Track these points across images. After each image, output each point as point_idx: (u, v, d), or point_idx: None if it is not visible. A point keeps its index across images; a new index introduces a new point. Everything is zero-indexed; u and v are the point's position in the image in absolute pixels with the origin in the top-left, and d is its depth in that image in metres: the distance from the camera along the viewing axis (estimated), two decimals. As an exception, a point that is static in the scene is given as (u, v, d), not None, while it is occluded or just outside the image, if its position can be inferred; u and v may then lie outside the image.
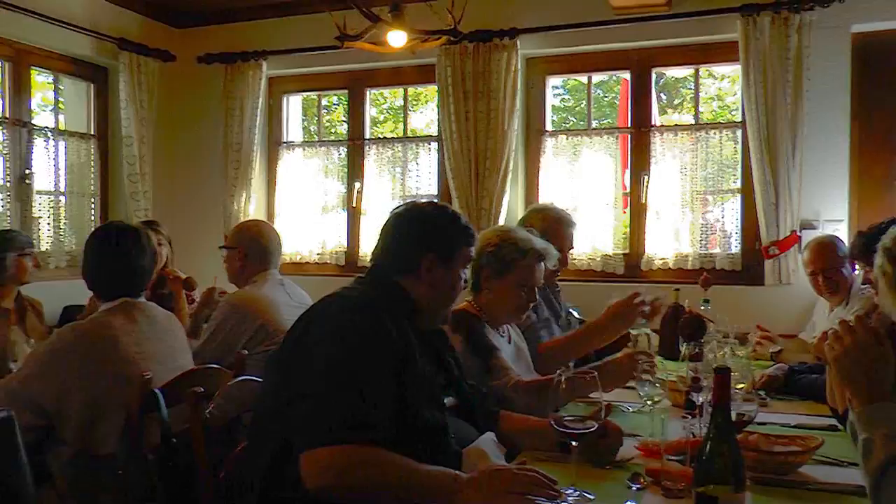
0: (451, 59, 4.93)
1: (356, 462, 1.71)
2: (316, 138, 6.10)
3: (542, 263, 2.78)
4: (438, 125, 5.11)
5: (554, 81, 5.57)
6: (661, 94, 9.26)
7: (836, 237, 3.93)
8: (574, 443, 1.82)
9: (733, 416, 2.11)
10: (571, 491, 1.76)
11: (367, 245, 5.22)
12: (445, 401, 2.08)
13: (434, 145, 5.35)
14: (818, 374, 2.85)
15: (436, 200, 3.33)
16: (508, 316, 2.79)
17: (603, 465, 2.01)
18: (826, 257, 3.74)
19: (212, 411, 2.26)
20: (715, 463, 1.39)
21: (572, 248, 3.71)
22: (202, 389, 2.17)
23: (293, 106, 5.88)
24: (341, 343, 1.82)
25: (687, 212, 4.76)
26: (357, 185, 5.47)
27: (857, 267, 3.72)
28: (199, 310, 3.65)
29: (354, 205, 5.47)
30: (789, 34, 4.31)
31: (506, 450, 2.13)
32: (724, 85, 8.92)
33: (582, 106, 5.45)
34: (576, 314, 3.90)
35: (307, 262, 5.54)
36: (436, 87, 5.07)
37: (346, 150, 5.58)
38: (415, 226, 2.07)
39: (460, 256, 2.09)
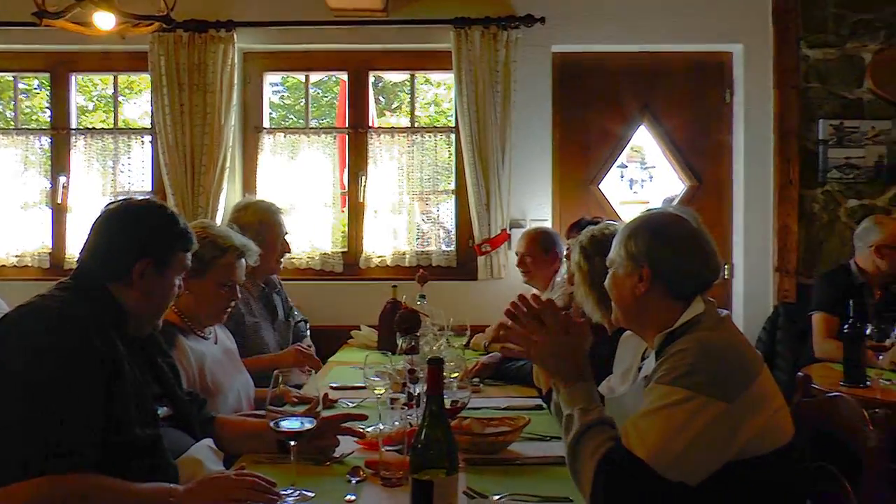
0: (164, 47, 4.67)
1: (62, 493, 1.57)
2: (13, 126, 5.46)
3: (243, 260, 2.72)
4: (152, 117, 4.82)
5: (272, 78, 5.48)
6: (380, 97, 9.49)
7: (549, 231, 4.32)
8: (293, 442, 1.81)
9: (448, 403, 2.23)
10: (290, 491, 1.74)
11: (75, 246, 4.79)
12: (159, 411, 1.96)
13: (148, 138, 5.02)
14: (526, 361, 3.10)
15: (152, 198, 3.09)
16: (209, 317, 2.66)
17: (323, 462, 2.02)
18: (524, 243, 4.16)
19: None
20: (430, 449, 1.45)
21: (288, 233, 3.68)
22: None
23: (-17, 88, 5.24)
24: (38, 362, 1.65)
25: (404, 211, 4.92)
26: (63, 179, 4.98)
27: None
28: None
29: (60, 201, 4.97)
30: (498, 48, 4.62)
31: (223, 455, 2.06)
32: (440, 91, 9.34)
33: (301, 104, 5.42)
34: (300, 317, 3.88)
35: (4, 266, 4.94)
36: (149, 77, 4.77)
37: (49, 140, 5.05)
38: (128, 227, 1.91)
39: (176, 262, 1.96)
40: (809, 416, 2.28)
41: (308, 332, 3.87)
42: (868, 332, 3.31)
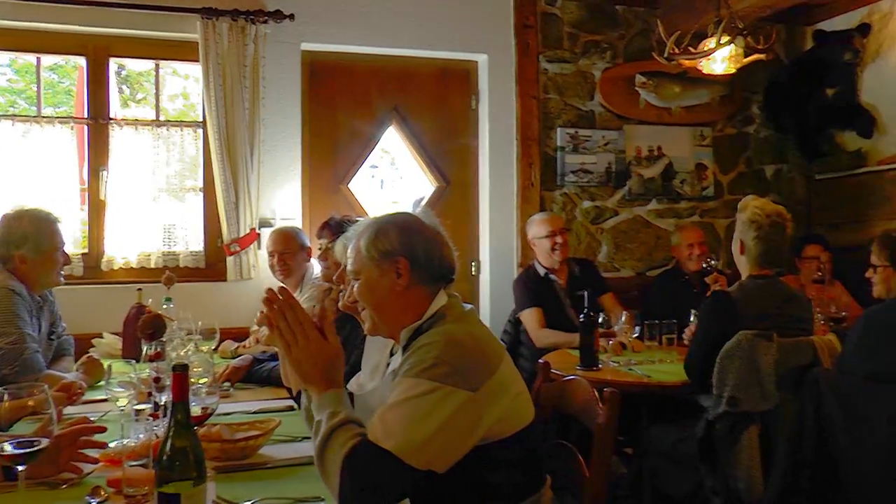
0: None
1: None
2: None
3: None
4: None
5: (-2, 59, 4.94)
6: (123, 86, 8.91)
7: (298, 229, 4.34)
8: (21, 467, 1.64)
9: (197, 410, 2.15)
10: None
11: None
12: None
13: None
14: (277, 361, 3.06)
15: None
16: None
17: (59, 485, 1.86)
18: (281, 241, 4.15)
19: None
20: (175, 460, 1.38)
21: (64, 243, 3.37)
22: None
23: None
24: None
25: (150, 210, 4.63)
26: None
27: (314, 259, 4.15)
28: None
29: None
30: (247, 43, 4.50)
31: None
32: (188, 83, 8.94)
33: (33, 90, 4.91)
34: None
35: None
36: None
37: None
38: None
39: None
40: (549, 399, 2.47)
41: (72, 349, 3.54)
42: (600, 321, 3.67)
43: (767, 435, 2.89)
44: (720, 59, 4.10)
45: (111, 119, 4.66)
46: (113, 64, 4.75)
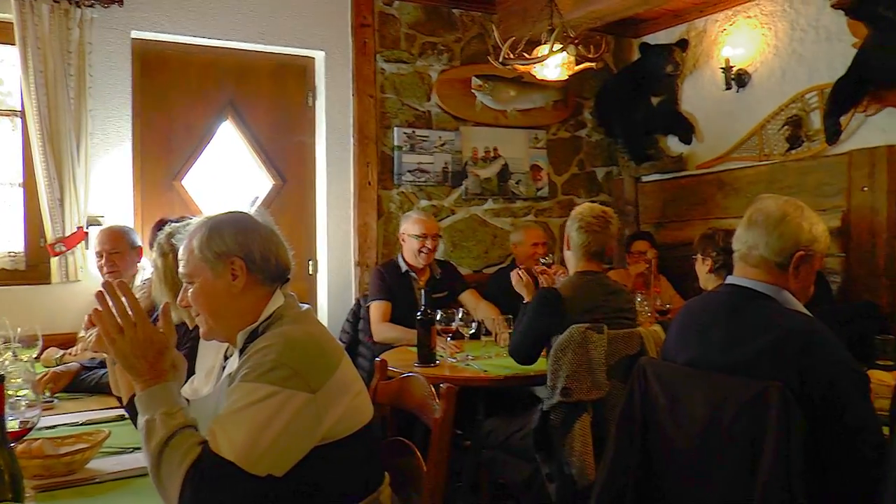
0: None
1: None
2: None
3: None
4: None
5: None
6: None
7: (129, 227, 4.15)
8: None
9: (15, 425, 2.01)
10: None
11: None
12: None
13: None
14: (106, 368, 2.91)
15: None
16: None
17: None
18: (111, 240, 3.96)
19: None
20: (-11, 481, 1.29)
21: None
22: None
23: None
24: None
25: (-40, 206, 4.29)
26: None
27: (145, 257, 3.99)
28: None
29: None
30: (71, 27, 4.22)
31: None
32: (3, 68, 8.30)
33: None
34: None
35: None
36: None
37: None
38: None
39: None
40: (387, 396, 2.50)
41: None
42: (438, 318, 3.73)
43: (599, 422, 3.06)
44: (553, 65, 4.26)
45: None
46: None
